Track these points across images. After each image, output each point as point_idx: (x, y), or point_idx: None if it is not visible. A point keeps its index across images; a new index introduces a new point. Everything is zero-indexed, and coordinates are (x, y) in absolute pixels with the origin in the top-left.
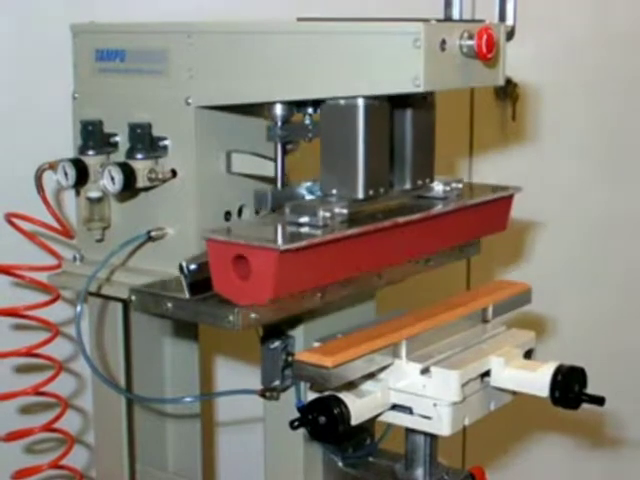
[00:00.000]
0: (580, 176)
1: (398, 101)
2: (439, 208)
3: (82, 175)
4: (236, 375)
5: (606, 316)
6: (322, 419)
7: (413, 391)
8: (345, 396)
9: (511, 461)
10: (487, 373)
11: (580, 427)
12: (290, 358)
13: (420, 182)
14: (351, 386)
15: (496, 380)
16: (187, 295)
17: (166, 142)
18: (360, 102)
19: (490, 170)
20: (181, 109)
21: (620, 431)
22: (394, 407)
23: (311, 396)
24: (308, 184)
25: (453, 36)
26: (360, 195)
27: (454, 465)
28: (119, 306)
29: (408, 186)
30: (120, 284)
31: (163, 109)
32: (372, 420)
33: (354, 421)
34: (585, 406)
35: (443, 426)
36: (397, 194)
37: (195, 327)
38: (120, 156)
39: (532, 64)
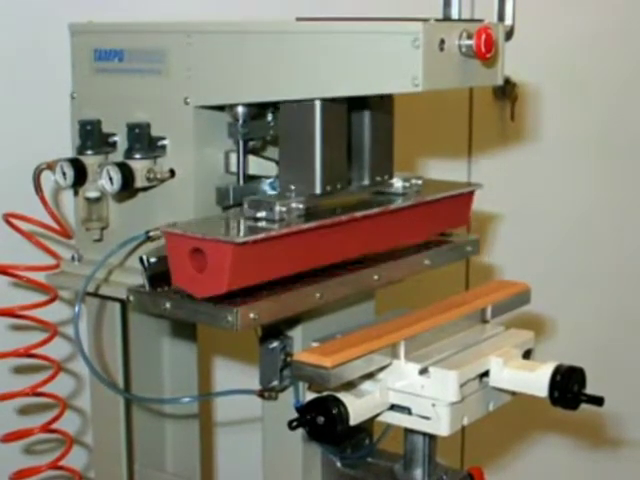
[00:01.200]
0: (579, 176)
1: (356, 100)
2: (398, 203)
3: (80, 175)
4: (234, 375)
5: (606, 316)
6: (321, 419)
7: (412, 391)
8: (344, 396)
9: (510, 461)
10: (486, 373)
11: (579, 427)
12: (289, 358)
13: (379, 178)
14: (350, 386)
15: (495, 380)
16: (147, 288)
17: (165, 142)
18: (317, 101)
19: (489, 170)
20: (180, 109)
21: (619, 431)
22: (393, 407)
23: (309, 396)
24: (270, 180)
25: (452, 36)
26: (317, 190)
27: (453, 465)
28: (117, 306)
29: (366, 182)
30: (118, 284)
31: (162, 109)
32: (371, 420)
33: (353, 421)
34: (584, 406)
35: (442, 426)
36: (356, 190)
37: (193, 327)
38: (118, 156)
39: (531, 64)
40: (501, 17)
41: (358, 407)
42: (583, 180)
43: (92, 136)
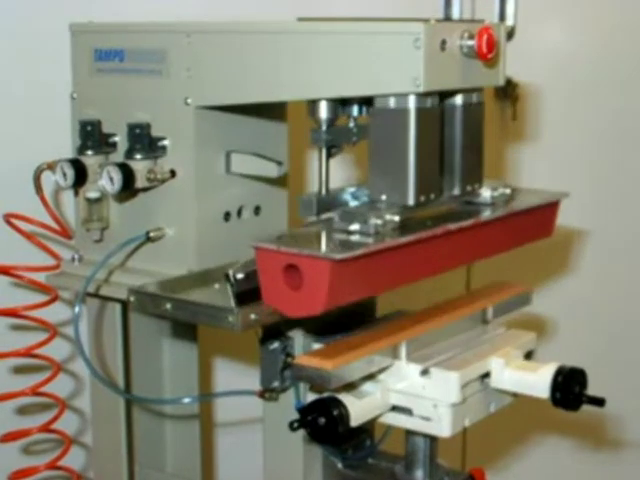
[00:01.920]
0: (580, 175)
1: (448, 102)
2: (488, 215)
3: (81, 175)
4: (235, 376)
5: (607, 316)
6: (322, 420)
7: (413, 392)
8: (344, 397)
9: (511, 463)
10: (487, 374)
11: (580, 428)
12: (289, 359)
13: (469, 188)
14: (350, 387)
15: (496, 381)
16: (233, 305)
17: (165, 142)
18: (411, 105)
19: (490, 170)
20: (180, 109)
21: (620, 432)
22: (394, 408)
23: (310, 397)
24: (352, 189)
25: (453, 36)
26: (411, 201)
27: (454, 467)
28: (118, 307)
29: (457, 192)
30: (119, 285)
31: (162, 109)
32: (372, 421)
33: (353, 422)
34: (585, 407)
35: (443, 427)
36: (445, 200)
37: (194, 328)
38: (119, 156)
39: (532, 64)
40: (502, 17)
41: (359, 408)
42: (584, 180)
43: (92, 136)
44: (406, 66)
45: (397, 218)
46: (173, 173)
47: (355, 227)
